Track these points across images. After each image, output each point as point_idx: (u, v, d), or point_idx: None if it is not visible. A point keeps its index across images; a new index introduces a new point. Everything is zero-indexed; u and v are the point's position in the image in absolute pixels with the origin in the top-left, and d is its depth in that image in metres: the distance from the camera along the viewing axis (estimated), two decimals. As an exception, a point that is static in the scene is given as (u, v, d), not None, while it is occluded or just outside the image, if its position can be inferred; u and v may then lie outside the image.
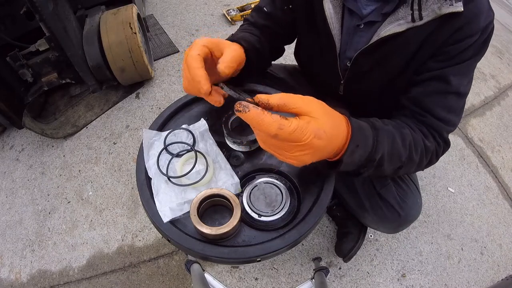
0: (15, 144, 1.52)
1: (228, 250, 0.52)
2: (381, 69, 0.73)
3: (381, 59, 0.70)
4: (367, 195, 0.86)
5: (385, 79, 0.75)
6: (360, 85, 0.79)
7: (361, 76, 0.76)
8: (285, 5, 0.79)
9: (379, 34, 0.64)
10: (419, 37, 0.63)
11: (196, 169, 0.59)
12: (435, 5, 0.58)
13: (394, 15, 0.62)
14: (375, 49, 0.68)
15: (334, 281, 1.12)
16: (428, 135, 0.64)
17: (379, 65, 0.72)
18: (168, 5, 2.18)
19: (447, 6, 0.57)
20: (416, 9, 0.59)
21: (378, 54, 0.69)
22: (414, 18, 0.60)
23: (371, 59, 0.71)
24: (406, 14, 0.60)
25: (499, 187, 1.43)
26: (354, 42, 0.72)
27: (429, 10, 0.59)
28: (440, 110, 0.64)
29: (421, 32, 0.62)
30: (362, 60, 0.71)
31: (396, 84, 0.75)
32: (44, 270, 1.17)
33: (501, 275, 1.19)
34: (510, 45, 2.20)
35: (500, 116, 1.73)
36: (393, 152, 0.56)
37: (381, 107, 0.88)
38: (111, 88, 1.63)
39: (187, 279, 1.12)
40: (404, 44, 0.65)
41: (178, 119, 0.71)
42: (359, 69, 0.74)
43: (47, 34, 1.24)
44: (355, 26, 0.69)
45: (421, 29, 0.61)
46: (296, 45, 0.99)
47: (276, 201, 0.59)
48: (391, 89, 0.77)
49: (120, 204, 1.30)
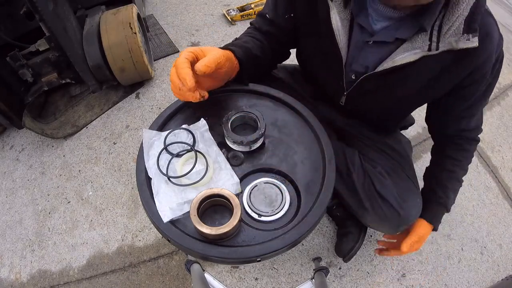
0: (15, 144, 1.52)
1: (228, 250, 0.52)
2: (388, 92, 0.73)
3: (389, 83, 0.71)
4: (367, 195, 0.86)
5: (390, 101, 0.76)
6: (362, 101, 0.80)
7: (365, 94, 0.76)
8: (287, 13, 0.78)
9: (394, 61, 0.64)
10: (432, 66, 0.65)
11: (196, 169, 0.59)
12: (452, 38, 0.59)
13: (411, 42, 0.62)
14: (386, 74, 0.68)
15: (334, 281, 1.12)
16: (469, 148, 0.84)
17: (385, 88, 0.72)
18: (168, 5, 2.18)
19: (464, 40, 0.58)
20: (435, 41, 0.60)
21: (387, 78, 0.69)
22: (431, 49, 0.61)
23: (379, 81, 0.71)
24: (424, 44, 0.61)
25: (499, 187, 1.43)
26: (361, 57, 0.71)
27: (446, 42, 0.60)
28: (473, 124, 0.80)
29: (433, 61, 0.63)
30: (369, 80, 0.71)
31: (402, 106, 0.77)
32: (44, 270, 1.17)
33: (501, 275, 1.19)
34: (510, 45, 2.20)
35: (500, 116, 1.73)
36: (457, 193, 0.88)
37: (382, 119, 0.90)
38: (111, 88, 1.63)
39: (187, 279, 1.12)
40: (415, 72, 0.66)
41: (178, 119, 0.71)
42: (365, 88, 0.74)
43: (47, 34, 1.23)
44: (364, 41, 0.69)
45: (434, 58, 0.62)
46: (297, 49, 0.99)
47: (276, 201, 0.59)
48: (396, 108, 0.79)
49: (120, 204, 1.30)
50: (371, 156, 0.92)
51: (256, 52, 0.75)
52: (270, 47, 0.81)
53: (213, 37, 1.95)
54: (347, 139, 1.00)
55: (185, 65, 0.57)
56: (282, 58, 0.92)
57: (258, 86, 0.75)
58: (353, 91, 0.78)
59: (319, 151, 0.66)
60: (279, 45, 0.84)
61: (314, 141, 0.67)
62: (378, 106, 0.80)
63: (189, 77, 0.56)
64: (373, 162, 0.91)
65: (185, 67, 0.57)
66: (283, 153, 0.65)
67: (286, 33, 0.82)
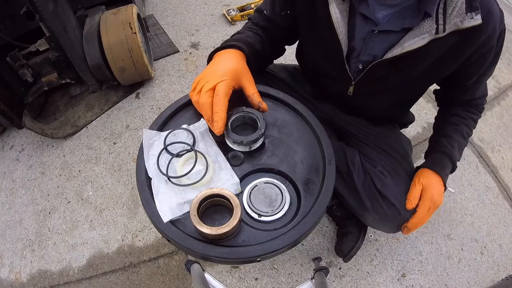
0: (15, 144, 1.52)
1: (228, 250, 0.52)
2: (399, 76, 0.75)
3: (400, 68, 0.72)
4: (368, 194, 0.86)
5: (401, 84, 0.76)
6: (373, 88, 0.80)
7: (375, 80, 0.77)
8: (284, 10, 0.80)
9: (403, 47, 0.65)
10: (440, 47, 0.66)
11: (196, 169, 0.59)
12: (457, 18, 0.61)
13: (418, 28, 0.64)
14: (396, 60, 0.69)
15: (334, 281, 1.12)
16: (475, 112, 0.87)
17: (396, 73, 0.73)
18: (168, 5, 2.18)
19: (468, 20, 0.60)
20: (441, 24, 0.61)
21: (397, 63, 0.70)
22: (438, 31, 0.62)
23: (389, 67, 0.72)
24: (431, 29, 0.62)
25: (499, 187, 1.43)
26: (369, 47, 0.72)
27: (452, 23, 0.61)
28: (479, 93, 0.84)
29: (442, 42, 0.65)
30: (379, 67, 0.72)
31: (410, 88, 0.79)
32: (44, 270, 1.17)
33: (501, 275, 1.19)
34: (510, 45, 2.20)
35: (500, 116, 1.73)
36: (462, 148, 0.86)
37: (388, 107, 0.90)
38: (111, 88, 1.63)
39: (187, 279, 1.12)
40: (424, 55, 0.68)
41: (178, 119, 0.71)
42: (375, 75, 0.75)
43: (47, 34, 1.23)
44: (370, 31, 0.70)
45: (442, 40, 0.64)
46: (298, 47, 0.99)
47: (276, 201, 0.59)
48: (404, 92, 0.79)
49: (120, 204, 1.30)
50: (371, 156, 0.92)
51: (257, 46, 0.77)
52: (268, 41, 0.82)
53: (213, 37, 1.95)
54: (347, 139, 1.00)
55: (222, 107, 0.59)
56: (277, 54, 0.94)
57: (258, 86, 0.74)
58: (362, 79, 0.78)
59: (319, 151, 0.66)
60: (275, 40, 0.86)
61: (314, 141, 0.67)
62: (389, 90, 0.80)
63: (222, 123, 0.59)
64: (373, 162, 0.91)
65: (223, 110, 0.59)
66: (283, 153, 0.65)
67: (282, 29, 0.84)
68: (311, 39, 0.83)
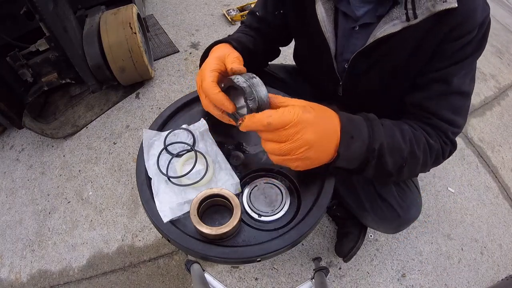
0: (15, 144, 1.52)
1: (228, 250, 0.52)
2: (378, 70, 0.73)
3: (378, 60, 0.70)
4: (367, 195, 0.86)
5: (383, 79, 0.75)
6: (358, 86, 0.79)
7: (358, 77, 0.76)
8: (276, 10, 0.80)
9: (375, 35, 0.64)
10: (415, 36, 0.63)
11: (196, 169, 0.59)
12: (428, 2, 0.58)
13: (388, 15, 0.62)
14: (372, 50, 0.68)
15: (334, 281, 1.12)
16: (432, 134, 0.65)
17: (376, 66, 0.72)
18: (168, 5, 2.18)
19: (440, 3, 0.57)
20: (410, 8, 0.59)
21: (375, 55, 0.69)
22: (409, 17, 0.60)
23: (368, 60, 0.71)
24: (401, 14, 0.60)
25: (499, 187, 1.43)
26: (350, 44, 0.72)
27: (423, 8, 0.58)
28: (445, 111, 0.65)
29: (417, 31, 0.62)
30: (359, 61, 0.72)
31: (396, 83, 0.75)
32: (44, 270, 1.17)
33: (501, 275, 1.19)
34: (510, 45, 2.20)
35: (500, 116, 1.73)
36: (393, 144, 0.57)
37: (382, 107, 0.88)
38: (111, 88, 1.63)
39: (187, 279, 1.12)
40: (400, 44, 0.65)
41: (178, 119, 0.71)
42: (356, 71, 0.75)
43: (47, 34, 1.24)
44: (351, 28, 0.70)
45: (417, 27, 0.61)
46: (294, 49, 1.00)
47: (276, 201, 0.59)
48: (391, 88, 0.77)
49: (120, 204, 1.30)
50: None
51: (249, 45, 0.77)
52: (261, 43, 0.82)
53: (213, 37, 1.95)
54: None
55: (215, 90, 0.55)
56: (272, 55, 0.93)
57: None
58: (347, 79, 0.78)
59: (319, 151, 0.66)
60: (269, 41, 0.85)
61: (314, 141, 0.67)
62: (373, 87, 0.78)
63: (226, 102, 0.54)
64: None
65: (216, 92, 0.55)
66: (283, 153, 0.65)
67: (275, 29, 0.84)
68: (302, 39, 0.83)
